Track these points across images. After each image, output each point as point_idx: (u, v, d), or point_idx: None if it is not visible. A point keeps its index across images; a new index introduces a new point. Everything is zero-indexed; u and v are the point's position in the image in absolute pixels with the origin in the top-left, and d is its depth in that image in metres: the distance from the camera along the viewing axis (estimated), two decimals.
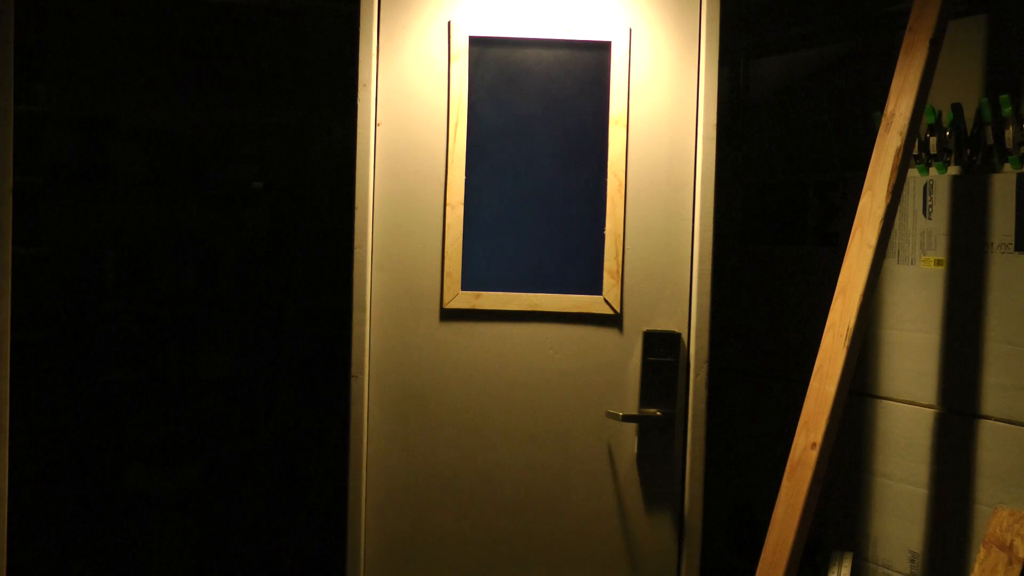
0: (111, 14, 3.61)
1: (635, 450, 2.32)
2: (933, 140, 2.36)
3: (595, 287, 2.32)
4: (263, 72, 3.94)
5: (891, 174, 2.13)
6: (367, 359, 2.30)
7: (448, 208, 2.30)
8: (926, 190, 2.39)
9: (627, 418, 2.28)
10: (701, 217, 2.30)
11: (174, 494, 3.62)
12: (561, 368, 2.32)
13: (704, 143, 2.29)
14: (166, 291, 3.93)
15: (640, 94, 2.31)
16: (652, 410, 2.29)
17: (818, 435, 2.10)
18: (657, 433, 2.30)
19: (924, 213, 2.40)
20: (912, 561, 2.40)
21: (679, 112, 2.31)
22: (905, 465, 2.43)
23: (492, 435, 2.32)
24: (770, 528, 2.16)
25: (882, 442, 2.50)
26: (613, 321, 2.32)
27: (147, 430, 3.75)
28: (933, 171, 2.38)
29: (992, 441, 2.22)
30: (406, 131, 2.31)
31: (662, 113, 2.31)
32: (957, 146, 2.32)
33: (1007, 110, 2.19)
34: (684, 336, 2.31)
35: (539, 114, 2.33)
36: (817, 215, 2.76)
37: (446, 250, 2.30)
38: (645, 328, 2.31)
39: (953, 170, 2.34)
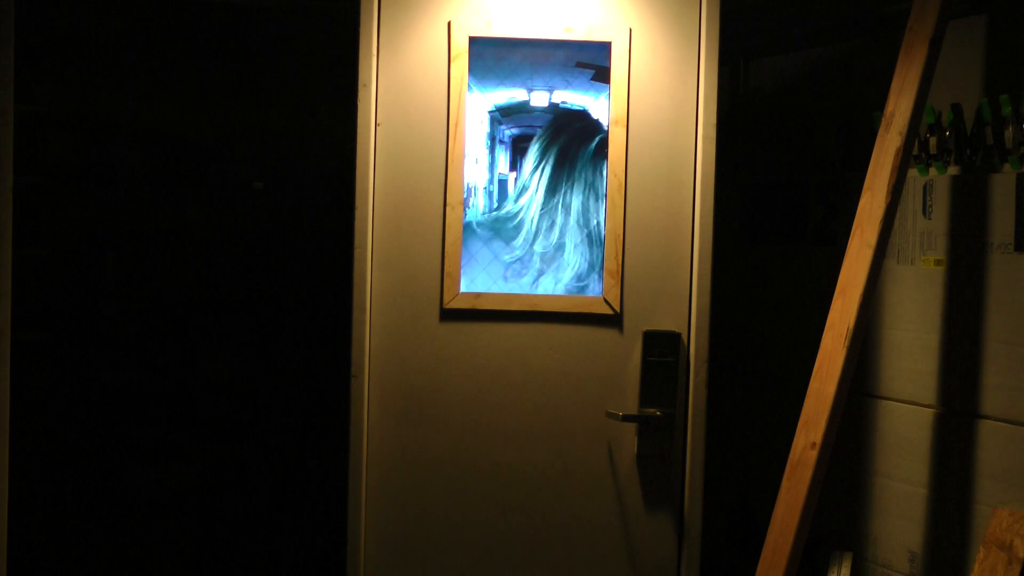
0: (111, 14, 3.61)
1: (635, 450, 2.32)
2: (933, 140, 2.36)
3: (595, 287, 2.32)
4: (263, 72, 3.93)
5: (891, 174, 2.13)
6: (367, 359, 2.30)
7: (448, 208, 2.30)
8: (926, 190, 2.39)
9: (627, 418, 2.28)
10: (701, 217, 2.30)
11: (174, 494, 3.62)
12: (561, 368, 2.32)
13: (704, 143, 2.29)
14: (166, 291, 3.93)
15: (640, 94, 2.31)
16: (652, 410, 2.29)
17: (818, 435, 2.10)
18: (657, 433, 2.30)
19: (924, 213, 2.40)
20: (912, 561, 2.40)
21: (679, 112, 2.31)
22: (905, 465, 2.43)
23: (492, 435, 2.32)
24: (770, 528, 2.16)
25: (882, 442, 2.50)
26: (613, 321, 2.32)
27: (147, 430, 3.75)
28: (933, 171, 2.38)
29: (992, 441, 2.22)
30: (406, 131, 2.31)
31: (662, 113, 2.31)
32: (957, 146, 2.32)
33: (1007, 110, 2.19)
34: (684, 336, 2.31)
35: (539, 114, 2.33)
36: (817, 215, 2.76)
37: (446, 250, 2.30)
38: (645, 328, 2.31)
39: (953, 170, 2.34)
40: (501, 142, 2.34)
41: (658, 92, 2.31)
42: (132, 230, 3.92)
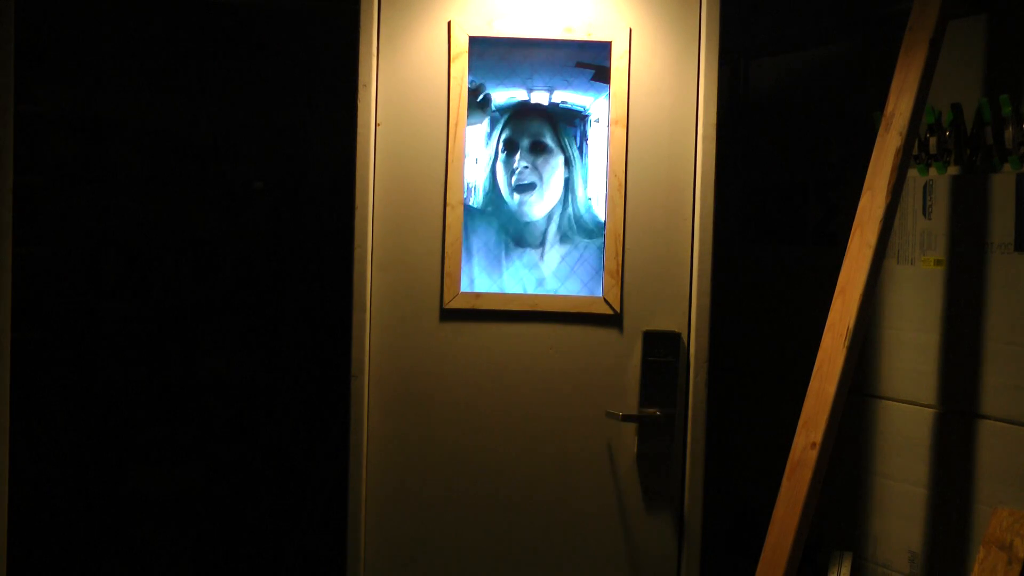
0: (112, 14, 3.61)
1: (635, 450, 2.32)
2: (933, 140, 2.36)
3: (595, 287, 2.32)
4: (264, 72, 3.93)
5: (891, 174, 2.13)
6: (367, 359, 2.30)
7: (448, 208, 2.30)
8: (926, 190, 2.39)
9: (627, 418, 2.28)
10: (701, 217, 2.30)
11: (174, 494, 3.62)
12: (561, 368, 2.32)
13: (704, 143, 2.29)
14: (166, 291, 3.93)
15: (640, 94, 2.31)
16: (652, 410, 2.29)
17: (818, 435, 2.10)
18: (657, 433, 2.30)
19: (924, 213, 2.40)
20: (912, 561, 2.40)
21: (679, 112, 2.31)
22: (905, 465, 2.43)
23: (492, 435, 2.32)
24: (770, 528, 2.16)
25: (882, 442, 2.50)
26: (613, 321, 2.32)
27: (147, 430, 3.75)
28: (933, 171, 2.38)
29: (992, 441, 2.22)
30: (406, 131, 2.31)
31: (662, 113, 2.31)
32: (957, 146, 2.32)
33: (1007, 110, 2.18)
34: (684, 336, 2.31)
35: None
36: (817, 215, 2.76)
37: (446, 250, 2.30)
38: (645, 328, 2.31)
39: (953, 170, 2.34)
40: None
41: (658, 92, 2.31)
42: (132, 230, 3.92)
